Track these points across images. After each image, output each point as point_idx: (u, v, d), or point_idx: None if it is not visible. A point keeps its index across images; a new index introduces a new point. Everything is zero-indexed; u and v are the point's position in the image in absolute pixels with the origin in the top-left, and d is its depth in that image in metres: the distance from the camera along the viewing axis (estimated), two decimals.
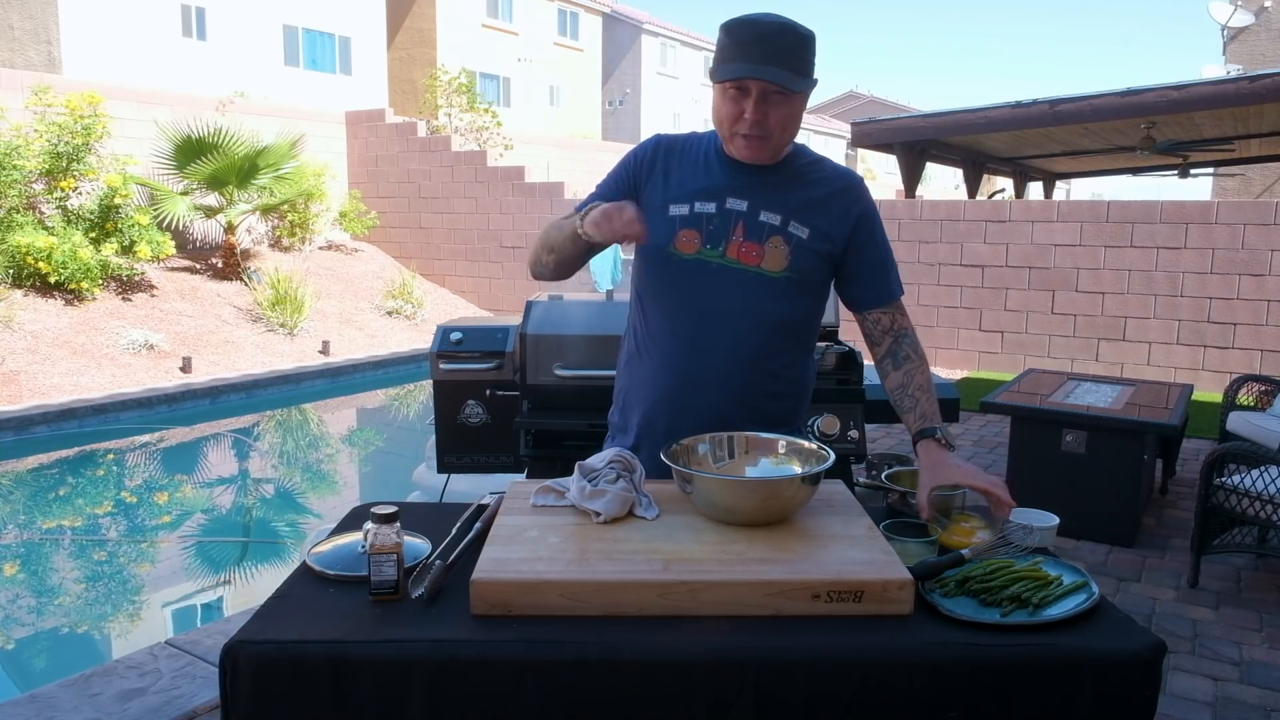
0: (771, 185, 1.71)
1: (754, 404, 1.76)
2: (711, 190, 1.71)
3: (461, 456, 3.28)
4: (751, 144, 1.64)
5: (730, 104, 1.61)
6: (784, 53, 1.56)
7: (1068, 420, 4.16)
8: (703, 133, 1.80)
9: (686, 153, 1.76)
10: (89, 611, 4.35)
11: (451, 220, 13.14)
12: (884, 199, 9.95)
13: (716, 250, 1.70)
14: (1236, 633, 3.26)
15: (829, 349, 2.90)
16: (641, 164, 1.77)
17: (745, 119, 1.60)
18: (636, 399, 1.83)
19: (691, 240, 1.70)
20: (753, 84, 1.58)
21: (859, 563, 1.36)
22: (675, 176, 1.74)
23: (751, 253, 1.69)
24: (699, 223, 1.70)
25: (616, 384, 1.92)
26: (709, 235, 1.70)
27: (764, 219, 1.69)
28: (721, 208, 1.70)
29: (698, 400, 1.74)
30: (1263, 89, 7.47)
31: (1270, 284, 7.66)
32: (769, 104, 1.59)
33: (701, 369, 1.74)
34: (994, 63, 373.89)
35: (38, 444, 6.86)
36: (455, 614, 1.31)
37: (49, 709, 2.45)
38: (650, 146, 1.78)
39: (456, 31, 22.28)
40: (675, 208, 1.71)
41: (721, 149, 1.73)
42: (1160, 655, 1.26)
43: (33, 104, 9.82)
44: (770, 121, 1.61)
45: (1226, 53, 16.39)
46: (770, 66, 1.55)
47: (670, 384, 1.76)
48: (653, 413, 1.79)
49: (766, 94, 1.58)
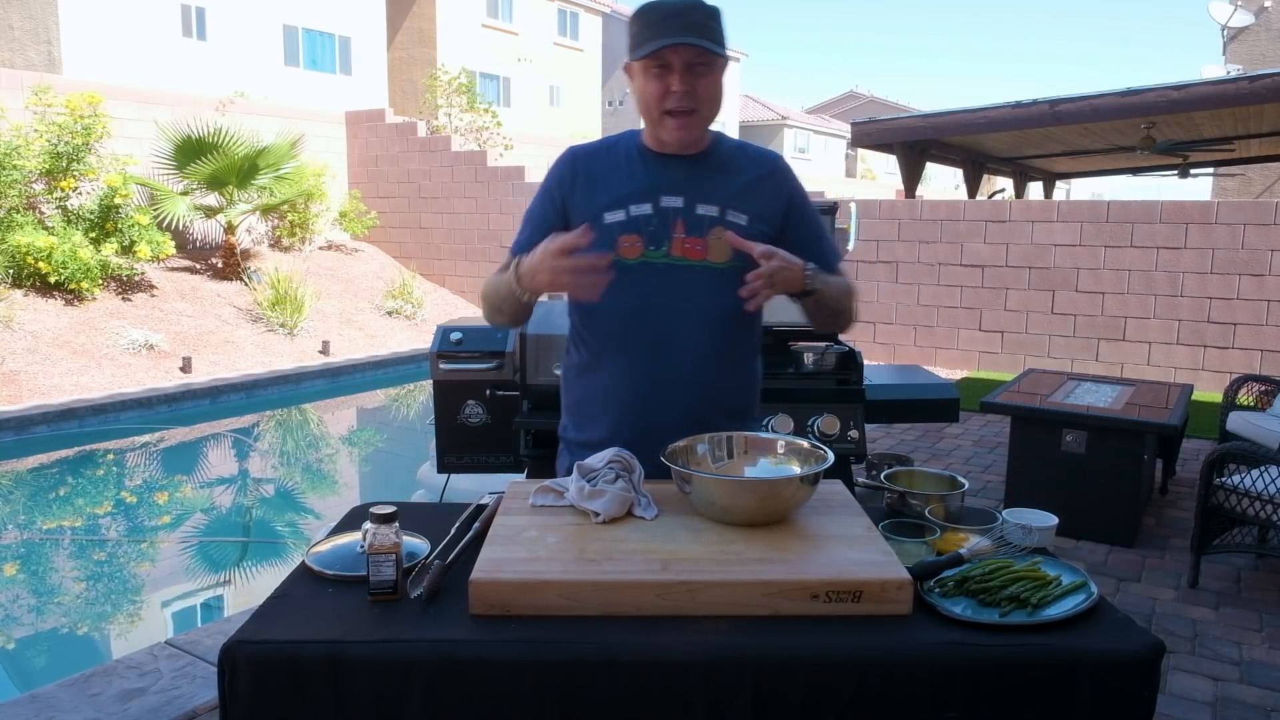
0: (701, 176, 1.71)
1: (720, 399, 1.77)
2: (643, 191, 1.69)
3: (461, 456, 3.28)
4: (682, 121, 1.62)
5: (655, 82, 1.61)
6: (697, 24, 1.57)
7: (1068, 420, 4.16)
8: (615, 135, 1.79)
9: (606, 158, 1.74)
10: (89, 611, 4.35)
11: (451, 220, 13.14)
12: (884, 199, 9.96)
13: (660, 250, 1.68)
14: (1236, 633, 3.26)
15: (829, 349, 2.90)
16: (562, 181, 1.74)
17: (674, 92, 1.60)
18: (598, 410, 1.78)
19: (634, 244, 1.68)
20: (674, 56, 1.58)
21: (858, 563, 1.36)
22: (602, 184, 1.71)
23: (695, 247, 1.68)
24: (638, 225, 1.68)
25: (566, 398, 1.87)
26: (650, 236, 1.68)
27: (701, 212, 1.69)
28: (658, 207, 1.68)
29: (667, 403, 1.72)
30: (1263, 89, 7.47)
31: (1270, 284, 7.66)
32: (694, 75, 1.60)
33: (668, 371, 1.72)
34: (994, 63, 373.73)
35: (38, 444, 6.86)
36: (454, 614, 1.31)
37: (49, 709, 2.45)
38: (566, 161, 1.76)
39: (456, 31, 22.27)
40: (610, 215, 1.68)
41: (643, 148, 1.72)
42: (1159, 655, 1.26)
43: (33, 104, 9.82)
44: (698, 92, 1.61)
45: (1226, 53, 16.39)
46: (688, 35, 1.56)
47: (637, 390, 1.73)
48: (620, 422, 1.74)
49: (690, 65, 1.59)
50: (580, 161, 1.75)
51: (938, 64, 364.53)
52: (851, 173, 37.80)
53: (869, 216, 9.24)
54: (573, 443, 1.85)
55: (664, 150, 1.71)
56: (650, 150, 1.72)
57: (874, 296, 9.43)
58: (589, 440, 1.78)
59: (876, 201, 9.55)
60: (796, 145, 36.71)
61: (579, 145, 1.80)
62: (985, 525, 1.60)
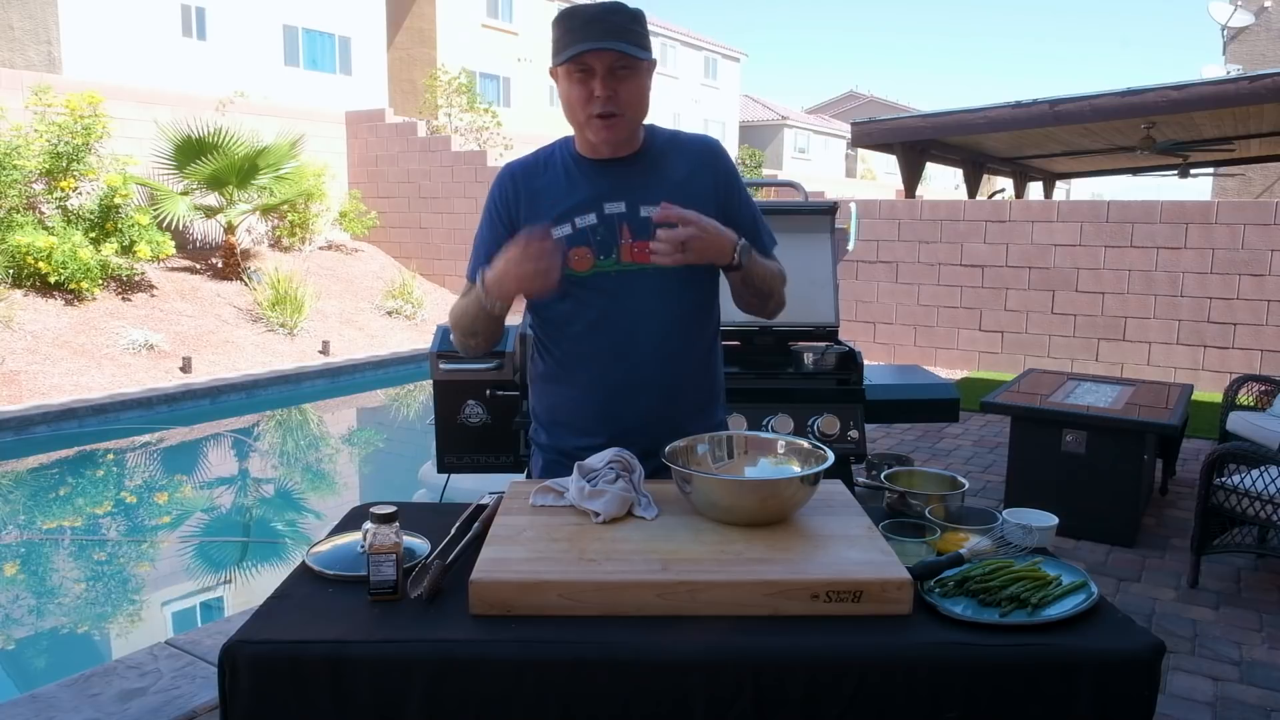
0: (639, 176, 1.72)
1: (686, 396, 1.80)
2: (586, 201, 1.70)
3: (461, 456, 3.28)
4: (606, 125, 1.63)
5: (578, 87, 1.62)
6: (619, 29, 1.58)
7: (1068, 420, 4.16)
8: (549, 145, 1.80)
9: (544, 171, 1.75)
10: (89, 611, 4.35)
11: (451, 220, 13.14)
12: (884, 199, 9.96)
13: (610, 259, 1.70)
14: (1236, 633, 3.26)
15: (829, 349, 2.90)
16: (505, 200, 1.75)
17: (596, 97, 1.60)
18: (568, 418, 1.80)
19: (584, 257, 1.70)
20: (595, 61, 1.59)
21: (858, 563, 1.36)
22: (543, 199, 1.72)
23: (644, 251, 1.68)
24: (585, 238, 1.70)
25: (535, 405, 1.88)
26: (599, 246, 1.70)
27: (645, 214, 1.69)
28: (602, 215, 1.70)
29: (634, 407, 1.74)
30: (1263, 89, 7.47)
31: (1270, 284, 7.66)
32: (616, 79, 1.60)
33: (632, 376, 1.73)
34: (994, 63, 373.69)
35: (38, 444, 6.86)
36: (454, 614, 1.31)
37: (49, 709, 2.45)
38: (505, 180, 1.77)
39: (456, 31, 22.28)
40: (557, 230, 1.68)
41: (578, 156, 1.73)
42: (1159, 655, 1.26)
43: (33, 104, 9.82)
44: (621, 97, 1.61)
45: (1226, 53, 16.40)
46: (609, 40, 1.57)
47: (604, 398, 1.75)
48: (591, 429, 1.76)
49: (612, 69, 1.60)
50: (520, 179, 1.76)
51: (938, 64, 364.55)
52: (851, 173, 37.81)
53: (869, 216, 9.24)
54: (545, 447, 1.86)
55: (598, 156, 1.72)
56: (585, 158, 1.73)
57: (874, 296, 9.43)
58: (564, 448, 1.79)
59: (876, 201, 9.55)
60: (796, 145, 36.71)
61: (515, 162, 1.80)
62: (985, 525, 1.60)
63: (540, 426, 1.88)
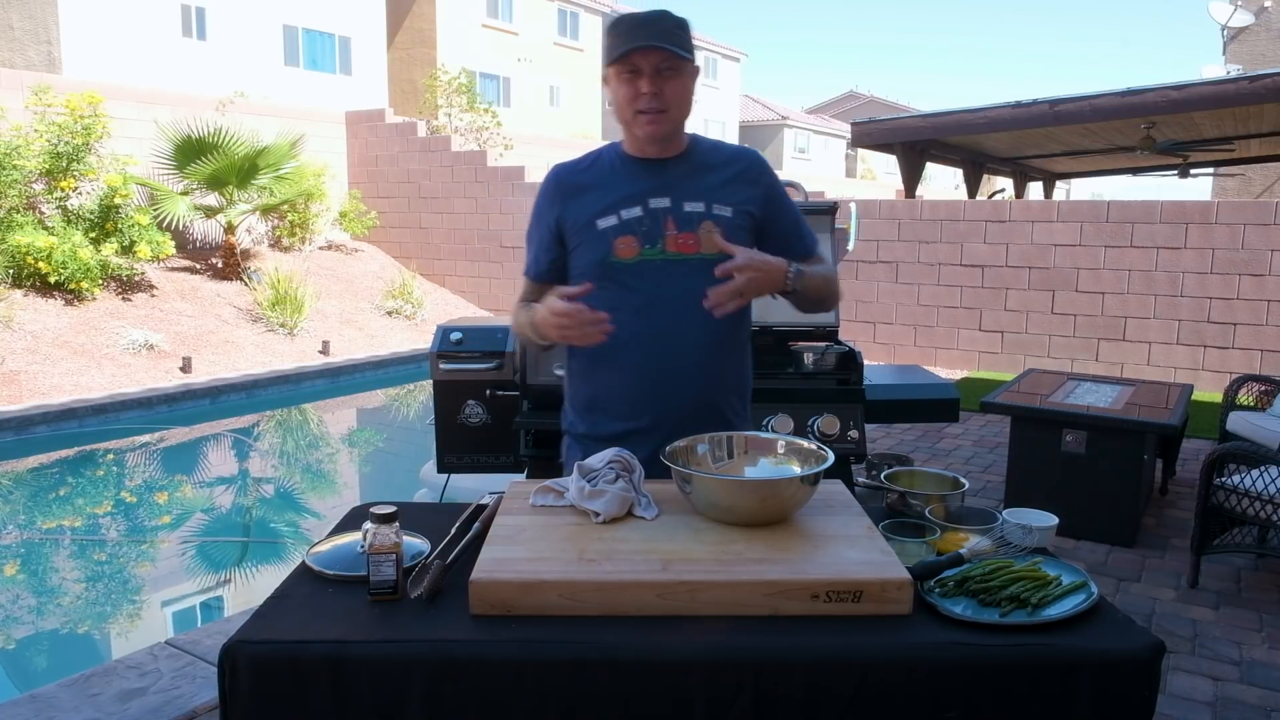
0: (684, 177, 1.81)
1: (726, 383, 1.87)
2: (631, 196, 1.79)
3: (461, 456, 3.28)
4: (652, 120, 1.73)
5: (626, 86, 1.73)
6: (666, 32, 1.70)
7: (1068, 420, 4.16)
8: (597, 150, 1.90)
9: (590, 171, 1.85)
10: (89, 611, 4.35)
11: (451, 220, 13.14)
12: (884, 199, 9.96)
13: (655, 248, 1.78)
14: (1236, 633, 3.26)
15: (829, 349, 2.90)
16: (551, 201, 1.85)
17: (643, 94, 1.71)
18: (610, 404, 1.85)
19: (630, 245, 1.78)
20: (642, 61, 1.70)
21: (858, 563, 1.36)
22: (589, 194, 1.82)
23: (688, 242, 1.78)
24: (631, 228, 1.78)
25: (574, 394, 1.93)
26: (644, 236, 1.78)
27: (689, 209, 1.79)
28: (647, 208, 1.79)
29: (678, 392, 1.80)
30: (1263, 89, 7.47)
31: (1270, 284, 7.66)
32: (662, 79, 1.71)
33: (676, 361, 1.79)
34: (994, 63, 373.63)
35: (38, 444, 6.86)
36: (454, 614, 1.31)
37: (49, 709, 2.45)
38: (551, 183, 1.87)
39: (456, 31, 22.27)
40: (603, 221, 1.79)
41: (625, 156, 1.84)
42: (1159, 655, 1.26)
43: (33, 104, 9.82)
44: (666, 94, 1.72)
45: (1226, 53, 16.39)
46: (656, 41, 1.69)
47: (648, 382, 1.80)
48: (634, 414, 1.82)
49: (658, 69, 1.70)
50: (565, 178, 1.86)
51: (938, 64, 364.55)
52: (851, 173, 37.80)
53: (869, 216, 9.24)
54: (583, 437, 1.89)
55: (644, 155, 1.81)
56: (632, 157, 1.83)
57: (874, 296, 9.43)
58: (602, 434, 1.84)
59: (876, 201, 9.55)
60: (796, 145, 36.70)
61: (561, 164, 1.90)
62: (985, 525, 1.60)
63: (578, 415, 1.92)
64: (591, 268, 1.79)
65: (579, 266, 1.81)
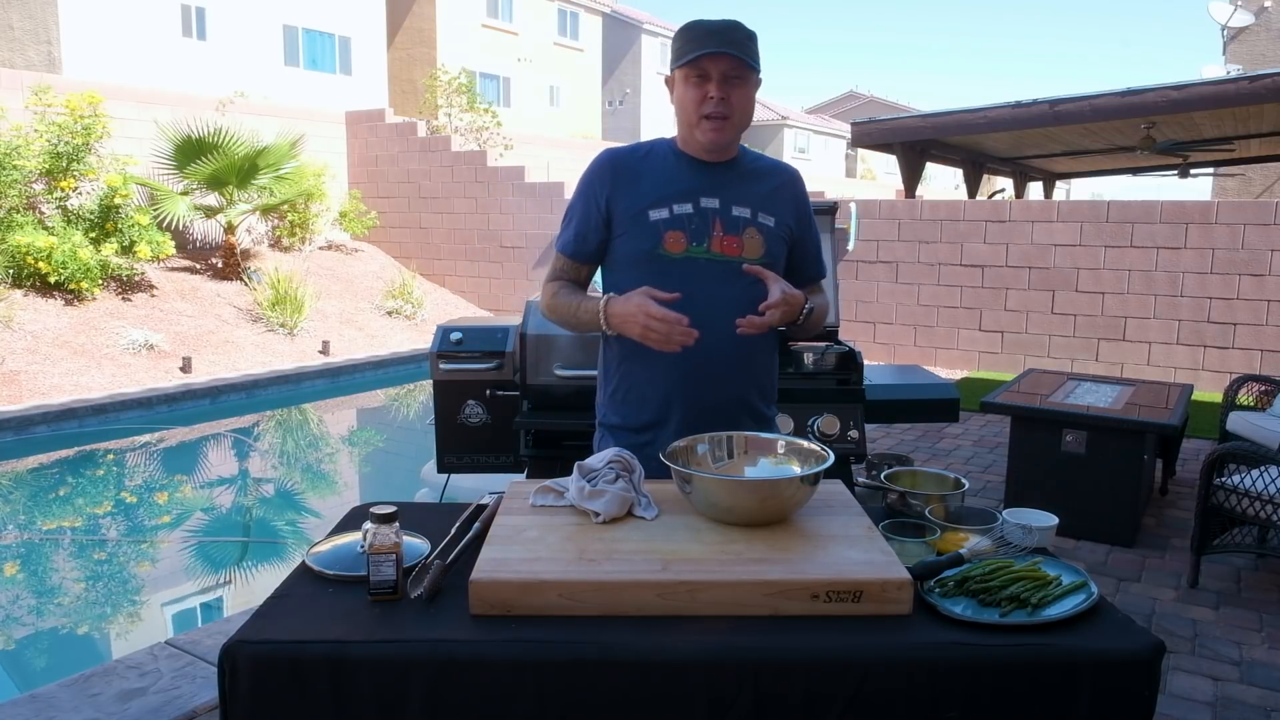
0: (733, 182, 1.87)
1: (757, 379, 1.92)
2: (683, 192, 1.84)
3: (461, 456, 3.28)
4: (716, 125, 1.78)
5: (694, 89, 1.77)
6: (736, 42, 1.75)
7: (1068, 420, 4.16)
8: (652, 141, 1.94)
9: (646, 161, 1.89)
10: (89, 611, 4.35)
11: (451, 220, 13.14)
12: (884, 199, 9.96)
13: (702, 246, 1.83)
14: (1236, 633, 3.26)
15: (829, 349, 2.90)
16: (602, 182, 1.87)
17: (710, 98, 1.75)
18: (645, 395, 1.88)
19: (678, 240, 1.82)
20: (712, 67, 1.74)
21: (858, 563, 1.36)
22: (644, 183, 1.85)
23: (733, 245, 1.84)
24: (681, 223, 1.83)
25: (607, 385, 1.96)
26: (693, 233, 1.83)
27: (737, 213, 1.85)
28: (698, 207, 1.84)
29: (713, 385, 1.85)
30: (1263, 89, 7.47)
31: (1270, 284, 7.66)
32: (729, 85, 1.76)
33: (713, 355, 1.82)
34: (994, 63, 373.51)
35: (38, 444, 6.86)
36: (454, 614, 1.31)
37: (49, 709, 2.45)
38: (606, 165, 1.89)
39: (456, 31, 22.27)
40: (655, 213, 1.83)
41: (679, 154, 1.87)
42: (1159, 655, 1.26)
43: (33, 104, 9.82)
44: (732, 101, 1.77)
45: (1226, 53, 16.39)
46: (727, 48, 1.73)
47: (685, 373, 1.83)
48: (669, 404, 1.86)
49: (726, 76, 1.75)
50: (620, 164, 1.89)
51: (938, 64, 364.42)
52: (851, 173, 37.79)
53: (869, 216, 9.24)
54: (616, 427, 1.93)
55: (698, 156, 1.86)
56: (686, 155, 1.87)
57: (874, 296, 9.43)
58: (636, 424, 1.89)
59: (876, 201, 9.55)
60: (796, 145, 36.70)
61: (616, 148, 1.93)
62: (985, 525, 1.60)
63: (611, 406, 1.95)
64: (639, 257, 1.83)
65: (625, 253, 1.85)
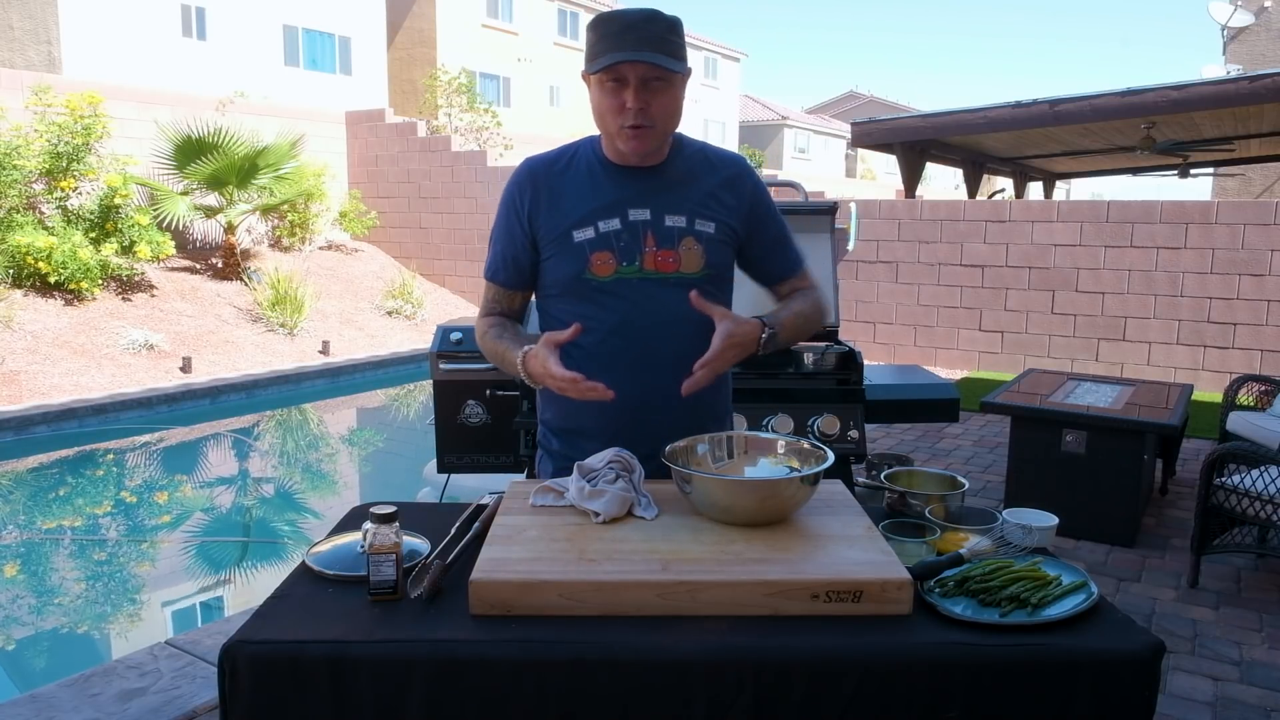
0: (666, 186, 1.68)
1: (705, 407, 1.76)
2: (609, 205, 1.66)
3: (461, 456, 3.28)
4: (637, 135, 1.59)
5: (610, 97, 1.58)
6: (655, 39, 1.54)
7: (1068, 420, 4.16)
8: (575, 143, 1.75)
9: (566, 170, 1.70)
10: (89, 611, 4.35)
11: (451, 220, 13.14)
12: (884, 199, 9.96)
13: (633, 266, 1.66)
14: (1236, 633, 3.26)
15: (829, 349, 2.90)
16: (523, 198, 1.70)
17: (628, 109, 1.56)
18: (584, 427, 1.73)
19: (606, 262, 1.66)
20: (629, 71, 1.55)
21: (858, 563, 1.36)
22: (566, 200, 1.68)
23: (668, 259, 1.67)
24: (608, 242, 1.66)
25: (545, 412, 1.82)
26: (622, 252, 1.66)
27: (670, 224, 1.67)
28: (626, 221, 1.66)
29: (655, 417, 1.69)
30: (1263, 89, 7.47)
31: (1270, 284, 7.66)
32: (649, 91, 1.57)
33: (653, 383, 1.68)
34: (994, 62, 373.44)
35: (38, 444, 6.86)
36: (454, 614, 1.31)
37: (49, 709, 2.45)
38: (524, 176, 1.71)
39: (456, 31, 22.27)
40: (579, 233, 1.65)
41: (604, 159, 1.69)
42: (1159, 656, 1.26)
43: (33, 104, 9.82)
44: (653, 110, 1.58)
45: (1226, 53, 16.39)
46: (644, 51, 1.53)
47: (624, 406, 1.63)
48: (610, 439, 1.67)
49: (645, 81, 1.56)
50: (540, 177, 1.70)
51: (938, 64, 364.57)
52: (851, 173, 37.79)
53: (869, 216, 9.24)
54: (556, 454, 1.80)
55: (624, 162, 1.67)
56: (611, 162, 1.69)
57: (874, 296, 9.43)
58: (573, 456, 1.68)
59: (876, 201, 9.55)
60: (796, 145, 36.70)
61: (535, 157, 1.74)
62: (985, 525, 1.60)
63: (550, 433, 1.82)
64: (565, 283, 1.68)
65: (552, 279, 1.69)
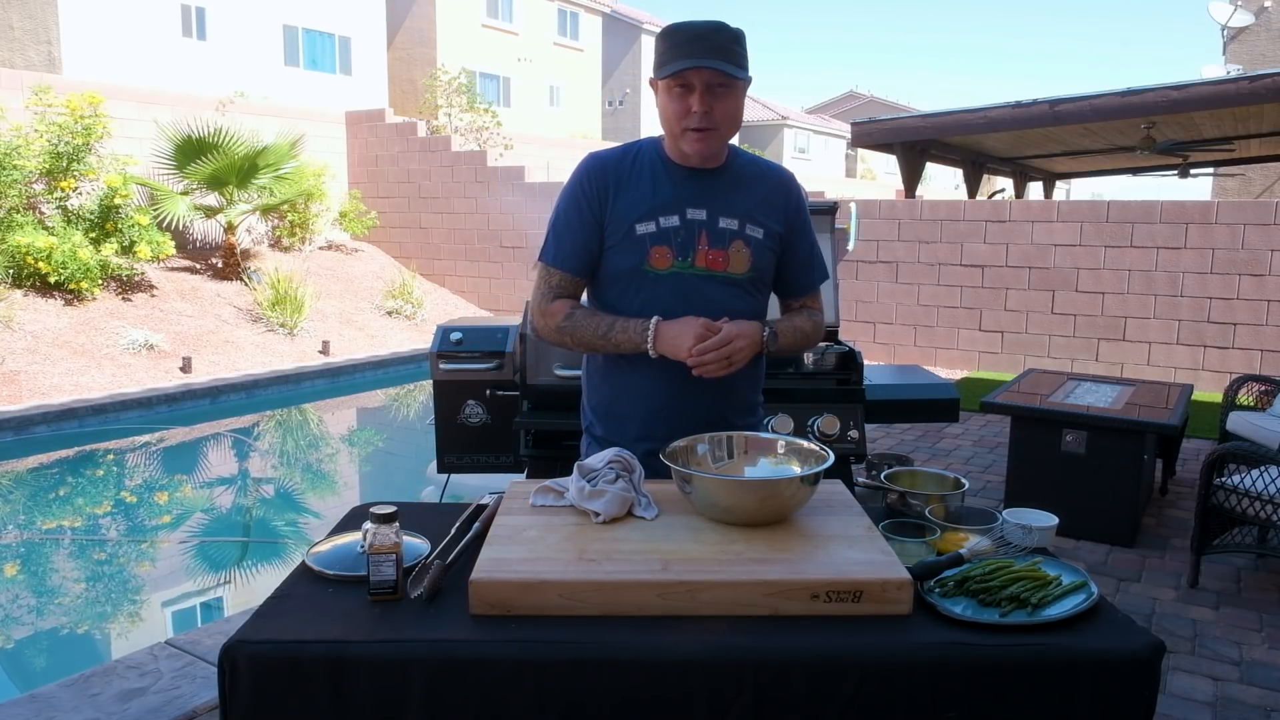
0: (722, 190, 1.80)
1: (741, 395, 1.88)
2: (670, 203, 1.78)
3: (461, 456, 3.28)
4: (700, 137, 1.70)
5: (677, 101, 1.69)
6: (721, 48, 1.66)
7: (1068, 420, 4.16)
8: (638, 142, 1.87)
9: (632, 167, 1.81)
10: (89, 611, 4.35)
11: (451, 220, 13.14)
12: (884, 199, 9.96)
13: (687, 261, 1.78)
14: (1236, 633, 3.26)
15: (829, 349, 2.90)
16: (594, 189, 1.80)
17: (694, 112, 1.68)
18: (629, 410, 1.86)
19: (664, 255, 1.78)
20: (695, 77, 1.66)
21: (858, 563, 1.36)
22: (630, 194, 1.79)
23: (718, 259, 1.79)
24: (667, 237, 1.77)
25: (592, 397, 1.94)
26: (678, 248, 1.78)
27: (723, 225, 1.79)
28: (684, 219, 1.78)
29: (695, 401, 1.80)
30: (1263, 89, 7.47)
31: (1270, 284, 7.66)
32: (713, 96, 1.68)
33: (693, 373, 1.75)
34: (994, 62, 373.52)
35: (38, 444, 6.86)
36: (454, 614, 1.31)
37: (49, 709, 2.45)
38: (595, 169, 1.81)
39: (456, 31, 22.27)
40: (641, 226, 1.77)
41: (666, 159, 1.80)
42: (1159, 656, 1.26)
43: (33, 104, 9.82)
44: (716, 113, 1.69)
45: (1226, 53, 16.39)
46: (710, 59, 1.64)
47: (668, 390, 1.80)
48: (652, 420, 1.82)
49: (710, 86, 1.67)
50: (610, 171, 1.81)
51: (938, 64, 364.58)
52: (851, 173, 37.78)
53: (869, 216, 9.24)
54: (601, 439, 1.90)
55: (685, 163, 1.79)
56: (673, 162, 1.80)
57: (874, 296, 9.43)
58: (620, 439, 1.83)
59: (876, 201, 9.55)
60: (796, 145, 36.69)
61: (603, 152, 1.85)
62: (985, 525, 1.60)
63: (596, 418, 1.93)
64: (624, 272, 1.79)
65: (612, 268, 1.80)
